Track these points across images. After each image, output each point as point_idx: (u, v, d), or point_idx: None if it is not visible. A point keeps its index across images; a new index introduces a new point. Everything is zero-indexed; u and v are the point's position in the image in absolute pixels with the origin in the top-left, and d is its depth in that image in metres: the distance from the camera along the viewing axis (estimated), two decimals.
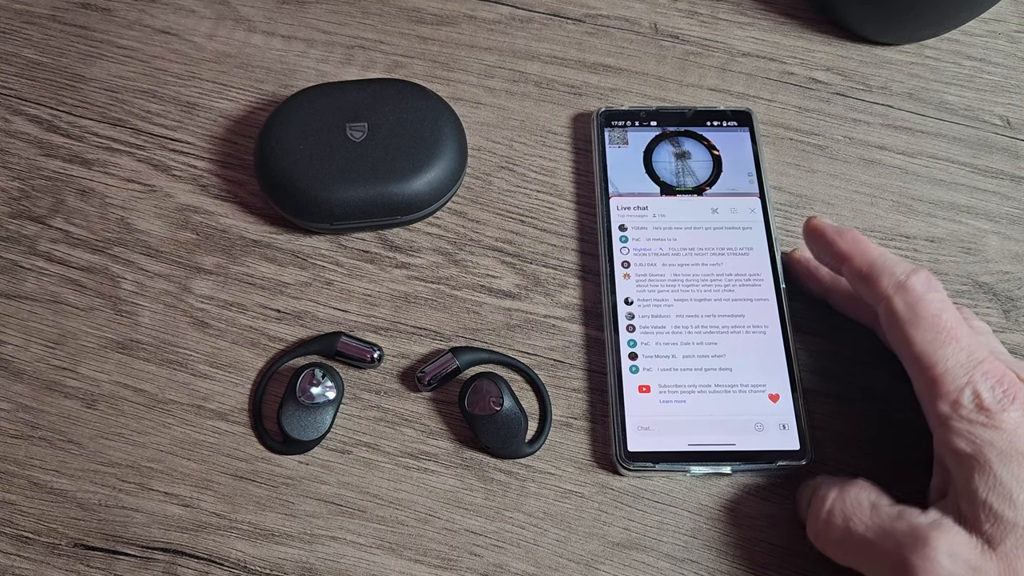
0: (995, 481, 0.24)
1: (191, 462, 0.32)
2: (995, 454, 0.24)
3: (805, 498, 0.29)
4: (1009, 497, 0.24)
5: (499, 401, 0.31)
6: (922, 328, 0.26)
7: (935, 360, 0.26)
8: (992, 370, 0.25)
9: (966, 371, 0.25)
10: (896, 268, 0.28)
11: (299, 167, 0.33)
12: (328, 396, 0.31)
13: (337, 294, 0.35)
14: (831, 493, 0.27)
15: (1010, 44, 0.42)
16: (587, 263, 0.36)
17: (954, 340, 0.26)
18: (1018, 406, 0.25)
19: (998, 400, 0.25)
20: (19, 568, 0.30)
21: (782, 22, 0.42)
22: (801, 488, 0.30)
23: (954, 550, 0.24)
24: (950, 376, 0.26)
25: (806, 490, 0.30)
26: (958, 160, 0.38)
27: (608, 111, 0.38)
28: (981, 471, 0.24)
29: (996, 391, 0.25)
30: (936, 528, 0.24)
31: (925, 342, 0.26)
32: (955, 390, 0.25)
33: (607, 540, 0.31)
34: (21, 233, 0.36)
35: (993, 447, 0.24)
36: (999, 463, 0.24)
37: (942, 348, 0.26)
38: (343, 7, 0.42)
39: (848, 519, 0.26)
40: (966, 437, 0.25)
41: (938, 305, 0.27)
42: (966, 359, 0.26)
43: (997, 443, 0.24)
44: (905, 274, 0.28)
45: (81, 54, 0.40)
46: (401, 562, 0.30)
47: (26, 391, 0.33)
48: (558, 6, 0.42)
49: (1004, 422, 0.25)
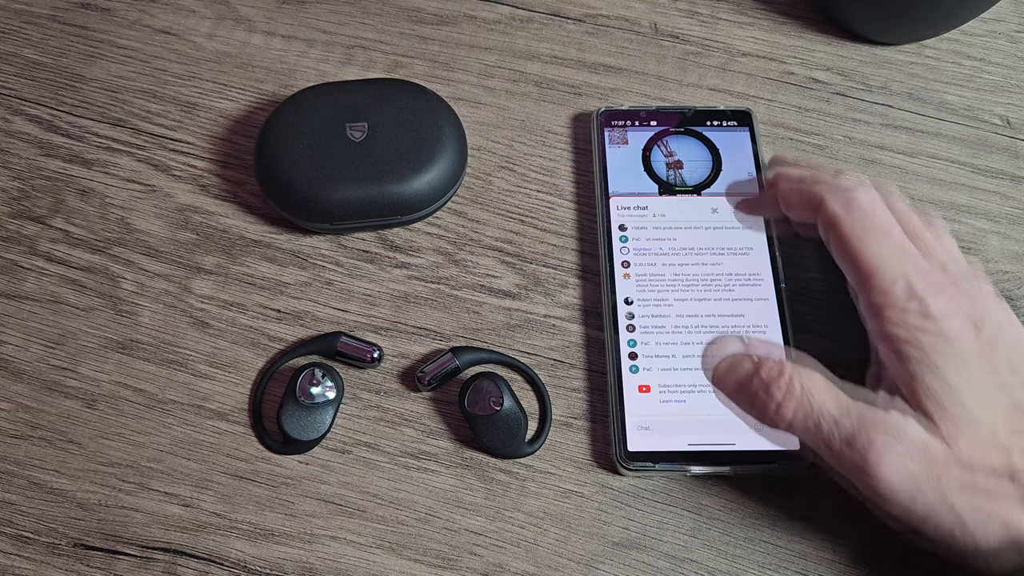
0: (931, 365, 0.25)
1: (191, 462, 0.32)
2: (928, 340, 0.26)
3: (736, 368, 0.29)
4: (944, 379, 0.25)
5: (499, 401, 0.31)
6: (856, 226, 0.28)
7: (869, 255, 0.27)
8: (922, 264, 0.27)
9: (899, 263, 0.27)
10: (828, 176, 0.30)
11: (299, 167, 0.33)
12: (328, 396, 0.31)
13: (337, 294, 0.35)
14: (785, 367, 0.27)
15: (1010, 44, 0.42)
16: (587, 263, 0.36)
17: (887, 236, 0.27)
18: (946, 297, 0.26)
19: (930, 291, 0.26)
20: (19, 568, 0.30)
21: (782, 22, 0.42)
22: (729, 363, 0.29)
23: (906, 427, 0.25)
24: (884, 269, 0.27)
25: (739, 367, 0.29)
26: (958, 160, 0.38)
27: (608, 111, 0.38)
28: (918, 356, 0.26)
29: (928, 280, 0.26)
30: (888, 406, 0.26)
31: (858, 239, 0.28)
32: (889, 282, 0.27)
33: (607, 540, 0.31)
34: (21, 233, 0.36)
35: (927, 333, 0.26)
36: (933, 349, 0.25)
37: (875, 243, 0.27)
38: (343, 7, 0.42)
39: (808, 394, 0.26)
40: (900, 325, 0.26)
41: (870, 205, 0.28)
42: (899, 253, 0.27)
43: (930, 330, 0.26)
44: (837, 176, 0.29)
45: (81, 54, 0.40)
46: (401, 562, 0.30)
47: (26, 391, 0.33)
48: (558, 6, 0.42)
49: (935, 312, 0.26)
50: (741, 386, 0.28)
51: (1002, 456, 0.24)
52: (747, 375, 0.28)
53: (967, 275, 0.28)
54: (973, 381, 0.25)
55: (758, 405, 0.28)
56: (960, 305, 0.26)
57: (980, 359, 0.25)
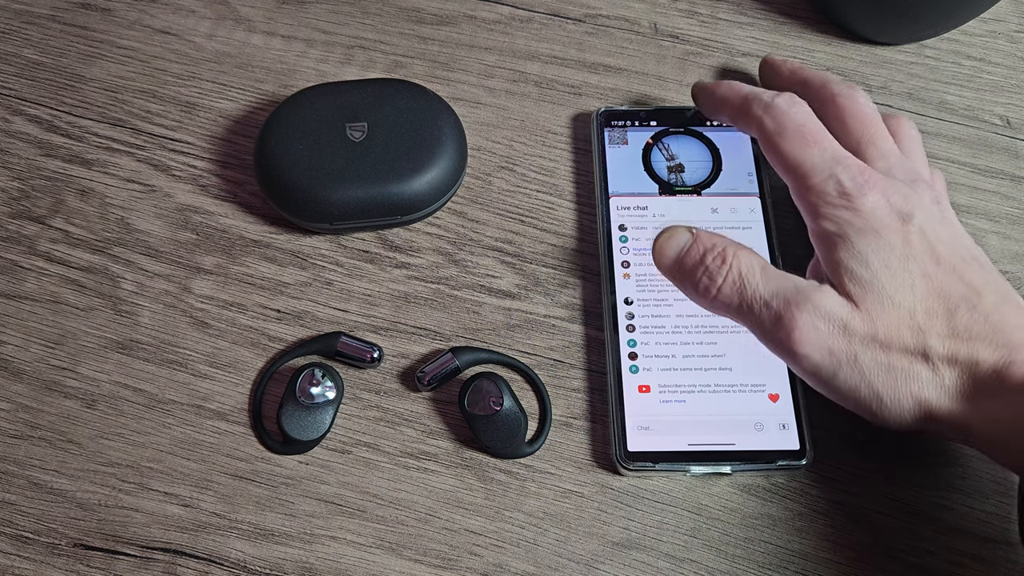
0: (855, 251, 0.27)
1: (191, 462, 0.32)
2: (854, 231, 0.28)
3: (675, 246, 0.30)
4: (866, 263, 0.27)
5: (499, 401, 0.31)
6: (788, 137, 0.30)
7: (801, 160, 0.29)
8: (852, 164, 0.29)
9: (829, 166, 0.29)
10: (763, 94, 0.32)
11: (299, 167, 0.33)
12: (328, 396, 0.31)
13: (337, 294, 0.35)
14: (726, 247, 0.29)
15: (1010, 44, 0.42)
16: (587, 263, 0.36)
17: (816, 143, 0.30)
18: (876, 192, 0.28)
19: (858, 187, 0.28)
20: (19, 568, 0.30)
21: (782, 22, 0.42)
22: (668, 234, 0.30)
23: (828, 307, 0.27)
24: (815, 171, 0.29)
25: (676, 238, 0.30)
26: (958, 160, 0.38)
27: (608, 111, 0.38)
28: (844, 244, 0.28)
29: (856, 179, 0.28)
30: (815, 289, 0.27)
31: (792, 148, 0.30)
32: (820, 181, 0.29)
33: (607, 540, 0.31)
34: (21, 233, 0.36)
35: (852, 225, 0.28)
36: (857, 237, 0.28)
37: (807, 151, 0.29)
38: (343, 7, 0.42)
39: (744, 278, 0.28)
40: (831, 219, 0.28)
41: (801, 118, 0.30)
42: (830, 158, 0.29)
43: (855, 222, 0.28)
44: (771, 96, 0.31)
45: (81, 54, 0.40)
46: (401, 562, 0.30)
47: (26, 391, 0.33)
48: (558, 6, 0.42)
49: (862, 205, 0.28)
50: (680, 263, 0.29)
51: (918, 337, 0.26)
52: (685, 247, 0.29)
53: (910, 177, 0.30)
54: (894, 266, 0.27)
55: (699, 287, 0.29)
56: (889, 200, 0.28)
57: (904, 246, 0.27)
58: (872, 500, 0.31)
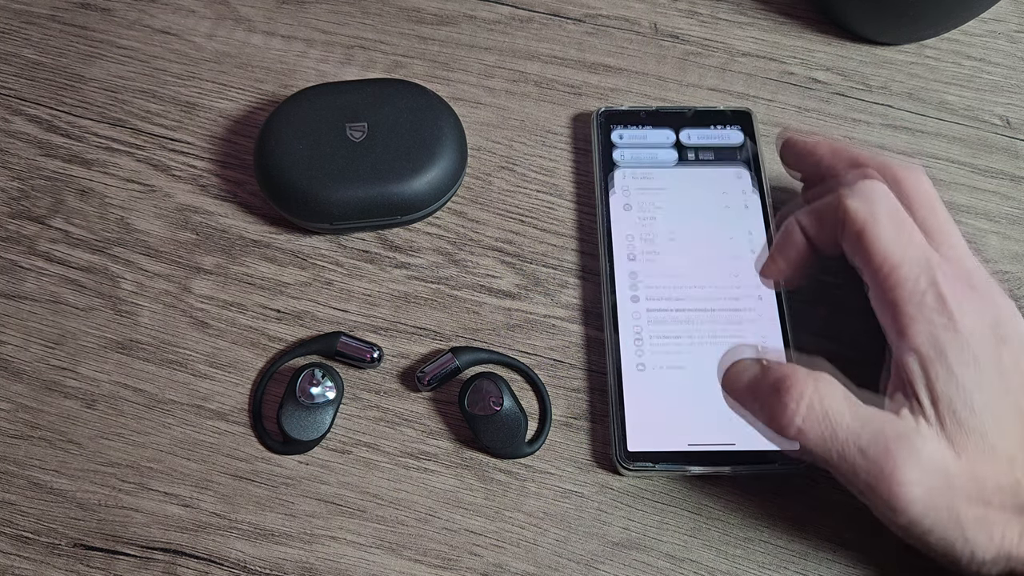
0: (957, 384, 0.24)
1: (191, 462, 0.32)
2: (955, 356, 0.25)
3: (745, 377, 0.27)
4: (969, 403, 0.24)
5: (499, 401, 0.31)
6: (881, 226, 0.26)
7: (899, 260, 0.26)
8: (949, 269, 0.26)
9: (925, 268, 0.25)
10: (848, 174, 0.28)
11: (299, 167, 0.33)
12: (328, 396, 0.31)
13: (337, 294, 0.35)
14: (806, 386, 0.25)
15: (1010, 44, 0.42)
16: (587, 263, 0.36)
17: (910, 237, 0.26)
18: (973, 307, 0.25)
19: (958, 301, 0.25)
20: (19, 568, 0.30)
21: (782, 22, 0.42)
22: (737, 368, 0.27)
23: (931, 456, 0.24)
24: (913, 276, 0.25)
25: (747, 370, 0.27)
26: (958, 160, 0.38)
27: (608, 111, 0.38)
28: (944, 373, 0.25)
29: (955, 289, 0.25)
30: (913, 432, 0.24)
31: (886, 240, 0.26)
32: (915, 286, 0.25)
33: (607, 540, 0.31)
34: (21, 233, 0.36)
35: (952, 348, 0.25)
36: (959, 365, 0.24)
37: (904, 248, 0.26)
38: (343, 7, 0.42)
39: (831, 418, 0.25)
40: (928, 338, 0.25)
41: (894, 204, 0.27)
42: (924, 259, 0.26)
43: (955, 345, 0.25)
44: (855, 175, 0.28)
45: (81, 54, 0.40)
46: (401, 562, 0.30)
47: (26, 391, 0.33)
48: (558, 6, 0.42)
49: (963, 324, 0.25)
50: (751, 389, 0.27)
51: (1008, 471, 0.24)
52: (756, 377, 0.27)
53: (982, 273, 0.27)
54: (994, 406, 0.24)
55: (772, 415, 0.26)
56: (977, 305, 0.25)
57: (994, 364, 0.25)
58: None
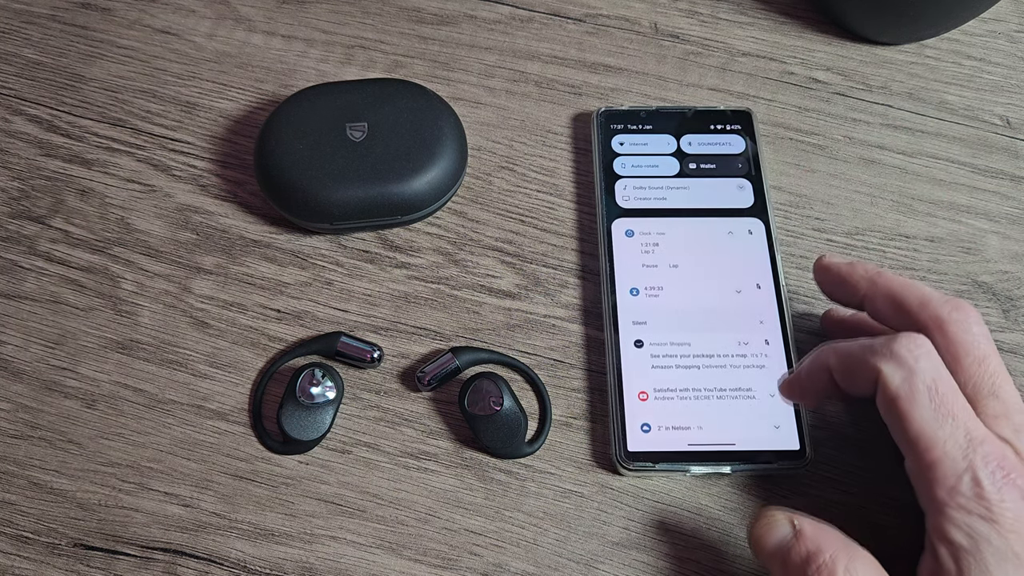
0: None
1: (191, 462, 0.32)
2: (991, 551, 0.23)
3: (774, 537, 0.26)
4: None
5: (499, 401, 0.31)
6: (918, 403, 0.24)
7: (933, 440, 0.24)
8: (993, 452, 0.24)
9: (965, 454, 0.24)
10: (887, 338, 0.25)
11: (299, 167, 0.33)
12: (328, 396, 0.31)
13: (337, 294, 0.35)
14: (839, 564, 0.24)
15: (1010, 44, 0.42)
16: (587, 263, 0.36)
17: (951, 417, 0.24)
18: (1016, 494, 0.23)
19: (998, 488, 0.23)
20: (19, 568, 0.30)
21: (782, 22, 0.42)
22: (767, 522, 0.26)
23: None
24: (947, 457, 0.24)
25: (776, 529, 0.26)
26: (958, 160, 0.38)
27: (608, 111, 0.38)
28: (977, 569, 0.23)
29: (996, 476, 0.23)
30: None
31: (921, 419, 0.24)
32: (952, 472, 0.24)
33: (607, 540, 0.31)
34: (21, 233, 0.36)
35: (990, 543, 0.23)
36: (995, 562, 0.23)
37: (940, 425, 0.24)
38: (343, 7, 0.42)
39: None
40: (963, 528, 0.23)
41: (934, 375, 0.24)
42: (964, 439, 0.24)
43: (994, 539, 0.23)
44: (892, 340, 0.25)
45: (81, 54, 0.40)
46: (401, 562, 0.30)
47: (26, 391, 0.33)
48: (558, 6, 0.42)
49: (1003, 515, 0.23)
50: (783, 562, 0.25)
51: None
52: (787, 543, 0.25)
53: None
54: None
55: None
56: (1022, 489, 0.24)
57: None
58: (872, 500, 0.31)
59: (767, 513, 0.26)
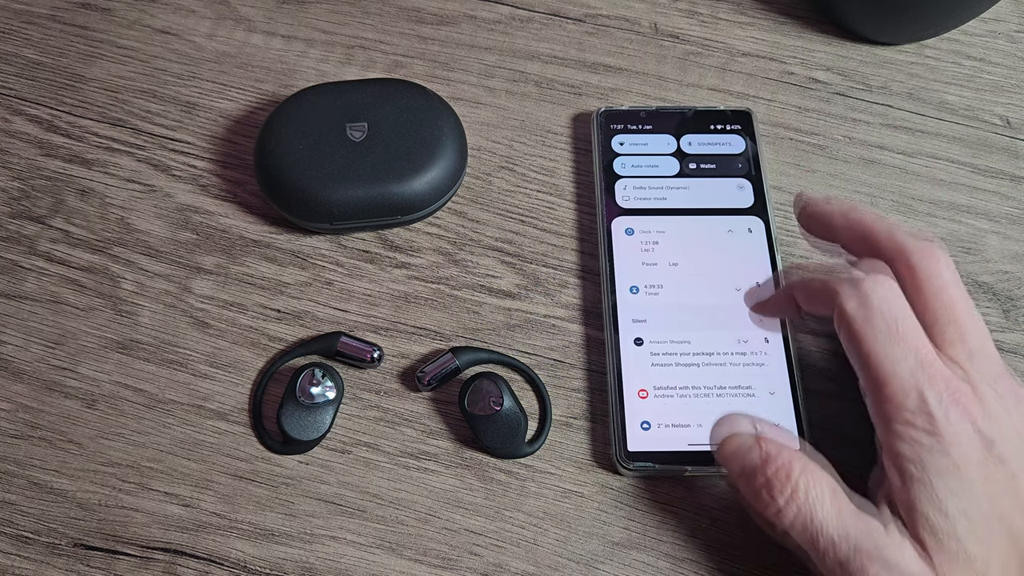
0: (933, 493, 0.24)
1: (191, 462, 0.32)
2: (933, 463, 0.24)
3: (743, 453, 0.27)
4: (944, 511, 0.24)
5: (499, 401, 0.31)
6: (874, 330, 0.26)
7: (883, 360, 0.25)
8: (940, 373, 0.25)
9: (914, 373, 0.25)
10: (850, 268, 0.27)
11: (299, 167, 0.33)
12: (328, 396, 0.31)
13: (337, 294, 0.35)
14: (793, 470, 0.25)
15: (1010, 44, 0.42)
16: (587, 263, 0.36)
17: (904, 341, 0.25)
18: (961, 415, 0.25)
19: (943, 407, 0.25)
20: (19, 568, 0.30)
21: (782, 22, 0.42)
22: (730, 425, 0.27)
23: (902, 566, 0.24)
24: (897, 378, 0.25)
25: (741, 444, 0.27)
26: (958, 160, 0.38)
27: (608, 111, 0.38)
28: (920, 480, 0.24)
29: (943, 395, 0.25)
30: (888, 540, 0.24)
31: (877, 345, 0.25)
32: (901, 392, 0.25)
33: (607, 540, 0.31)
34: (21, 233, 0.36)
35: (932, 456, 0.24)
36: (936, 474, 0.24)
37: (892, 349, 0.25)
38: (343, 7, 0.42)
39: (812, 506, 0.25)
40: (908, 442, 0.25)
41: (893, 307, 0.26)
42: (914, 360, 0.25)
43: (936, 452, 0.24)
44: (858, 273, 0.27)
45: (81, 54, 0.40)
46: (401, 562, 0.30)
47: (26, 391, 0.33)
48: (558, 6, 0.42)
49: (946, 431, 0.24)
50: (745, 474, 0.27)
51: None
52: (752, 466, 0.26)
53: (993, 373, 0.26)
54: (972, 513, 0.24)
55: (758, 500, 0.26)
56: (975, 422, 0.25)
57: (984, 485, 0.24)
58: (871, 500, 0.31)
59: (729, 418, 0.28)
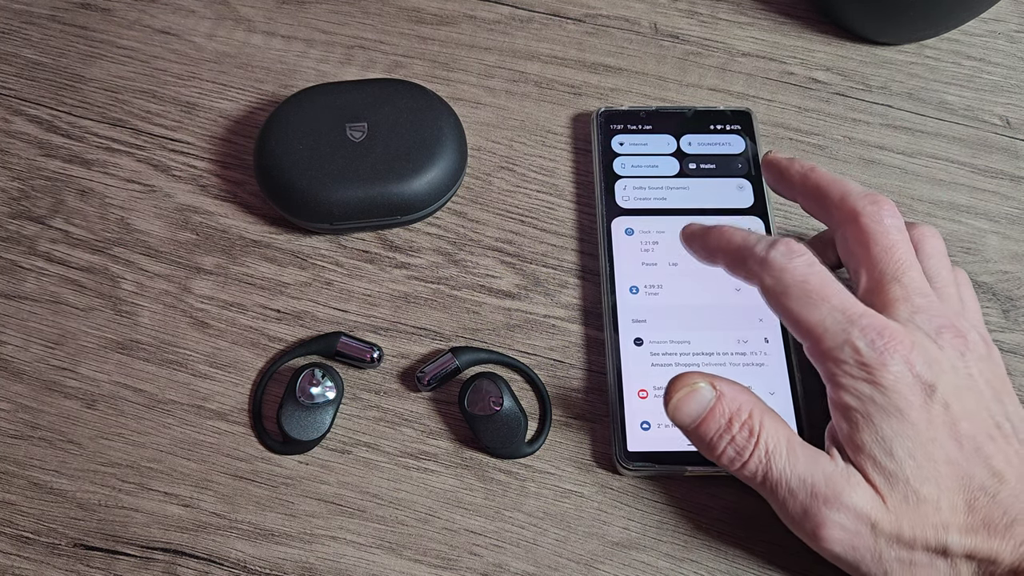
0: (879, 436, 0.25)
1: (191, 462, 0.32)
2: (876, 409, 0.25)
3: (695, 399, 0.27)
4: (891, 452, 0.25)
5: (499, 401, 0.31)
6: (792, 297, 0.26)
7: (811, 323, 0.26)
8: (872, 324, 0.26)
9: (843, 328, 0.26)
10: (756, 245, 0.27)
11: (299, 167, 0.33)
12: (328, 396, 0.31)
13: (337, 294, 0.35)
14: (755, 419, 0.26)
15: (1010, 44, 0.42)
16: (587, 263, 0.36)
17: (824, 301, 0.26)
18: (897, 360, 0.25)
19: (878, 354, 0.25)
20: (19, 568, 0.30)
21: (782, 22, 0.42)
22: (689, 398, 0.27)
23: (858, 505, 0.25)
24: (828, 335, 0.26)
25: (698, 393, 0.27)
26: (958, 160, 0.38)
27: (608, 111, 0.38)
28: (867, 425, 0.26)
29: (876, 344, 0.25)
30: (844, 482, 0.25)
31: (799, 309, 0.26)
32: (835, 347, 0.26)
33: (607, 540, 0.31)
34: (21, 233, 0.36)
35: (874, 402, 0.25)
36: (881, 418, 0.25)
37: (815, 311, 0.26)
38: (343, 7, 0.42)
39: (771, 456, 0.26)
40: (851, 391, 0.26)
41: (803, 271, 0.27)
42: (842, 316, 0.26)
43: (877, 398, 0.25)
44: (765, 248, 0.27)
45: (81, 54, 0.40)
46: (401, 562, 0.30)
47: (26, 391, 0.33)
48: (558, 6, 0.42)
49: (884, 378, 0.25)
50: (702, 427, 0.27)
51: (939, 533, 0.25)
52: (707, 408, 0.26)
53: (937, 324, 0.27)
54: (918, 455, 0.25)
55: (719, 453, 0.26)
56: (912, 368, 0.25)
57: (927, 428, 0.25)
58: None
59: (683, 377, 0.27)
